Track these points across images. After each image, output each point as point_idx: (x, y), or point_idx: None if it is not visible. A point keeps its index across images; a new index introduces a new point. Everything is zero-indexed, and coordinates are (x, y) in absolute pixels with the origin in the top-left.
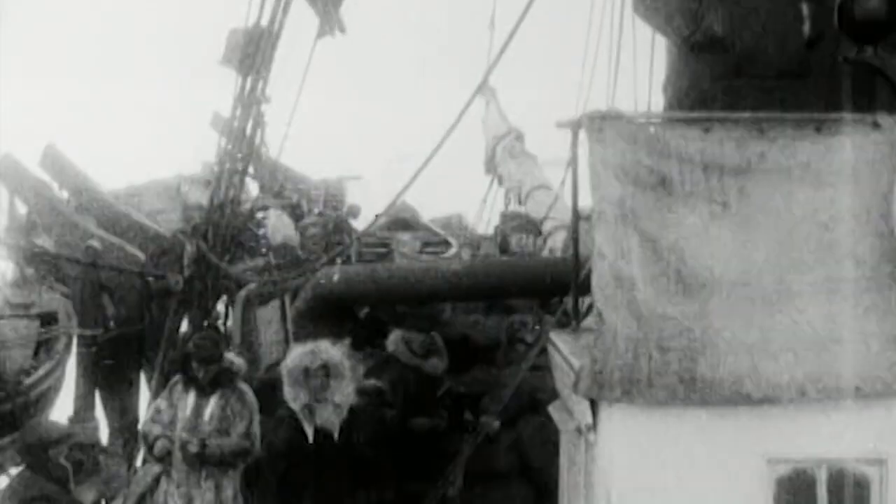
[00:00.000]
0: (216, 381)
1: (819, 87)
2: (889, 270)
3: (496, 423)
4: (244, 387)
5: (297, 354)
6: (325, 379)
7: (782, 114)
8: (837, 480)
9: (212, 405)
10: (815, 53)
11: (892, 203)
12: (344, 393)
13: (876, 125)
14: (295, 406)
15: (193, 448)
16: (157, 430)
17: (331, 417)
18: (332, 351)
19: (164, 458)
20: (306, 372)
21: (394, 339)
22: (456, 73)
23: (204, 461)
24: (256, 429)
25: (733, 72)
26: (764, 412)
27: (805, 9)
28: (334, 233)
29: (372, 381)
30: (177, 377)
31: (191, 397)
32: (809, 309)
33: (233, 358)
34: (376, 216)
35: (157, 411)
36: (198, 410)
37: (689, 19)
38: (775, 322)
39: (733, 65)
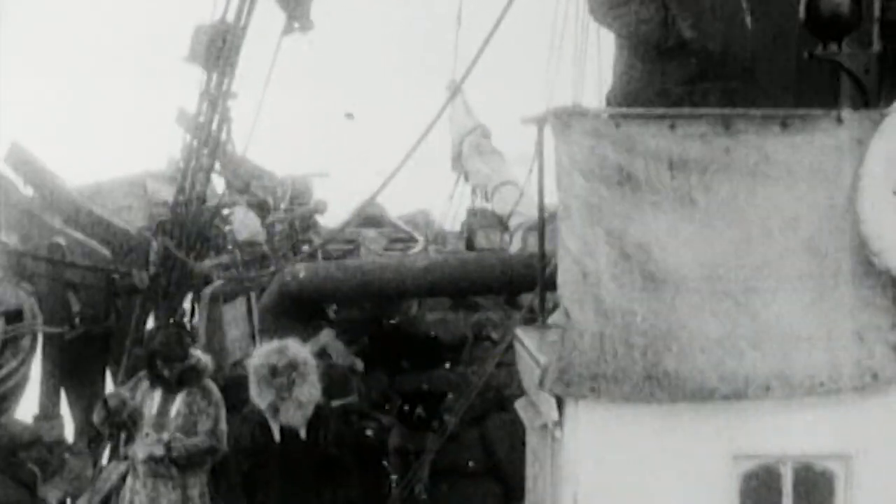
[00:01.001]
0: (182, 379)
1: (784, 84)
2: (854, 266)
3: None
4: (210, 384)
5: (264, 352)
6: (291, 377)
7: (747, 110)
8: (803, 476)
9: (178, 403)
10: (780, 51)
11: (856, 199)
12: (310, 391)
13: (840, 121)
14: (261, 404)
15: (159, 452)
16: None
17: (297, 416)
18: (298, 349)
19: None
20: (272, 370)
21: (326, 334)
22: (422, 69)
23: (171, 461)
24: (223, 426)
25: (698, 75)
26: (729, 408)
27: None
28: (301, 230)
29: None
30: (142, 373)
31: (157, 395)
32: (775, 305)
33: (199, 355)
34: (346, 221)
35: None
36: (164, 408)
37: (659, 26)
38: (741, 318)
39: (699, 68)
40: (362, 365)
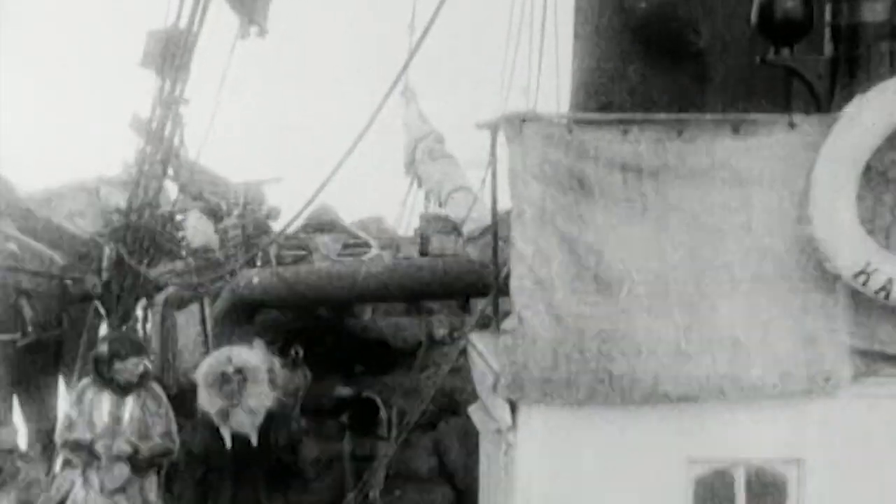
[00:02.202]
0: (131, 382)
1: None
2: (805, 270)
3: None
4: (157, 387)
5: (213, 359)
6: (241, 383)
7: (699, 115)
8: (755, 479)
9: (130, 407)
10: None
11: (808, 203)
12: (260, 397)
13: (792, 125)
14: (210, 411)
15: (126, 448)
16: (79, 433)
17: (247, 422)
18: (247, 355)
19: (87, 463)
20: (222, 377)
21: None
22: (377, 75)
23: (134, 466)
24: (174, 428)
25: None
26: (682, 412)
27: None
28: (254, 235)
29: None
30: (84, 382)
31: (105, 401)
32: (727, 309)
33: (143, 360)
34: (291, 221)
35: (70, 421)
36: (116, 414)
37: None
38: (693, 322)
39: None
40: (280, 365)
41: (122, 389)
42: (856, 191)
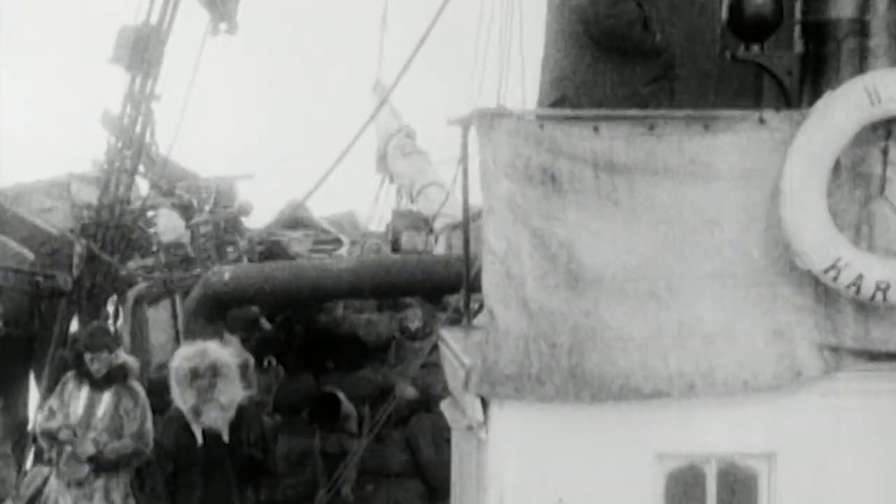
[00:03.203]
0: (109, 376)
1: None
2: (776, 266)
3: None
4: (137, 386)
5: (185, 355)
6: (212, 379)
7: (670, 111)
8: (727, 475)
9: (105, 402)
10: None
11: (778, 199)
12: (231, 393)
13: (762, 122)
14: (182, 407)
15: (90, 448)
16: (55, 423)
17: (218, 418)
18: (219, 351)
19: (56, 459)
20: (194, 373)
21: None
22: (348, 71)
23: (99, 466)
24: (149, 427)
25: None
26: (653, 407)
27: None
28: (225, 231)
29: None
30: (68, 374)
31: (83, 393)
32: (698, 304)
33: (126, 357)
34: (273, 222)
35: (51, 411)
36: (91, 407)
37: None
38: (664, 317)
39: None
40: (253, 361)
41: (98, 383)
42: (826, 187)
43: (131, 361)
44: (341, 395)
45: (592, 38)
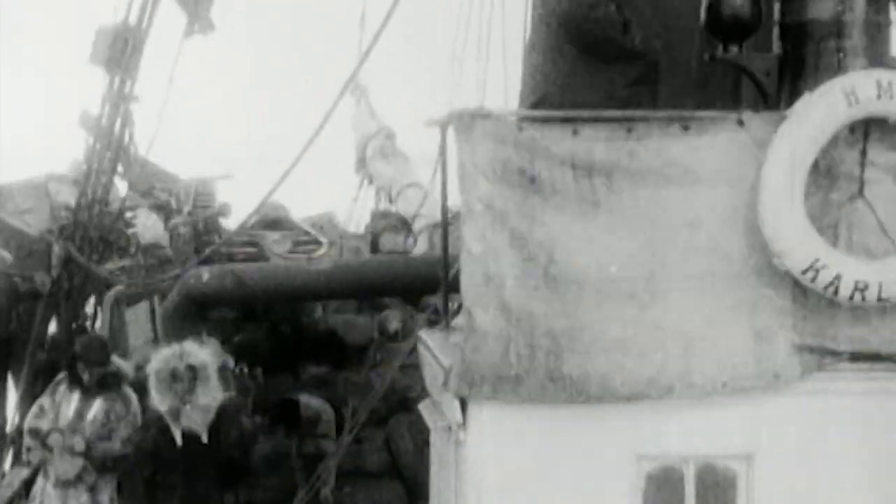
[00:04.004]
0: (102, 383)
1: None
2: (755, 267)
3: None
4: (130, 393)
5: (164, 357)
6: (191, 381)
7: (649, 112)
8: (705, 476)
9: (95, 408)
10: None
11: (757, 200)
12: (211, 395)
13: (741, 123)
14: (161, 409)
15: (80, 445)
16: (45, 424)
17: (198, 420)
18: (198, 353)
19: (44, 458)
20: (172, 374)
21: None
22: (327, 72)
23: (88, 464)
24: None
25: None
26: (633, 408)
27: None
28: (204, 232)
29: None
30: (61, 376)
31: (75, 398)
32: (677, 306)
33: (120, 363)
34: (245, 219)
35: (41, 409)
36: (81, 411)
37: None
38: (643, 319)
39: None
40: (233, 363)
41: (90, 389)
42: (804, 188)
43: (125, 368)
44: (310, 399)
45: (572, 41)
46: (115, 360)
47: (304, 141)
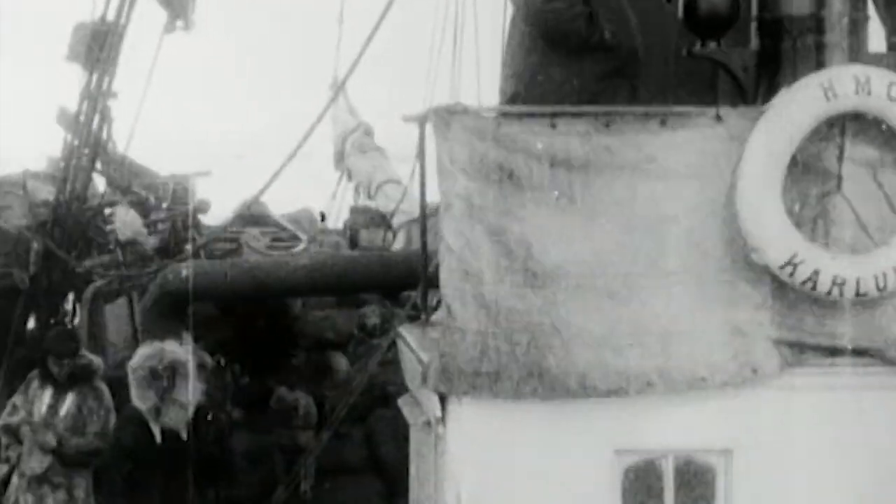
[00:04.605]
0: (73, 377)
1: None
2: (733, 263)
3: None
4: (102, 386)
5: (143, 355)
6: (171, 379)
7: (627, 108)
8: (684, 470)
9: (68, 402)
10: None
11: (735, 195)
12: (190, 393)
13: (719, 118)
14: (142, 407)
15: (51, 442)
16: (16, 419)
17: (178, 417)
18: (178, 351)
19: (19, 456)
20: (152, 373)
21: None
22: (302, 68)
23: (61, 460)
24: (112, 429)
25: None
26: (611, 404)
27: None
28: (183, 229)
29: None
30: (33, 372)
31: (47, 393)
32: (655, 301)
33: (91, 357)
34: (229, 219)
35: (14, 407)
36: (54, 406)
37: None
38: (622, 314)
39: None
40: (210, 360)
41: (62, 384)
42: (782, 183)
43: (97, 361)
44: (288, 392)
45: (539, 33)
46: (86, 353)
47: (282, 137)
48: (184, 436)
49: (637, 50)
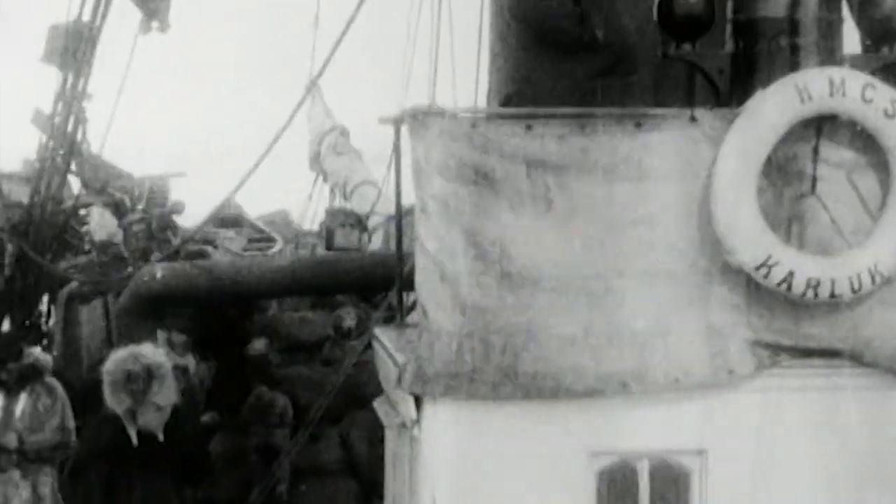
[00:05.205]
0: (23, 378)
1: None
2: (708, 264)
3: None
4: (53, 382)
5: (118, 358)
6: (146, 382)
7: (603, 109)
8: (659, 471)
9: (22, 402)
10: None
11: (710, 197)
12: (167, 395)
13: (694, 120)
14: (117, 410)
15: (12, 442)
16: None
17: (154, 419)
18: (153, 354)
19: None
20: (127, 376)
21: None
22: (277, 70)
23: (24, 458)
24: (70, 424)
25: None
26: (586, 405)
27: None
28: (158, 230)
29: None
30: None
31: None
32: (630, 303)
33: (37, 354)
34: (204, 221)
35: None
36: (8, 409)
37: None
38: (597, 316)
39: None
40: (194, 363)
41: (12, 387)
42: (757, 184)
43: (44, 358)
44: (263, 388)
45: (527, 32)
46: (33, 351)
47: (257, 139)
48: (160, 438)
49: (631, 49)
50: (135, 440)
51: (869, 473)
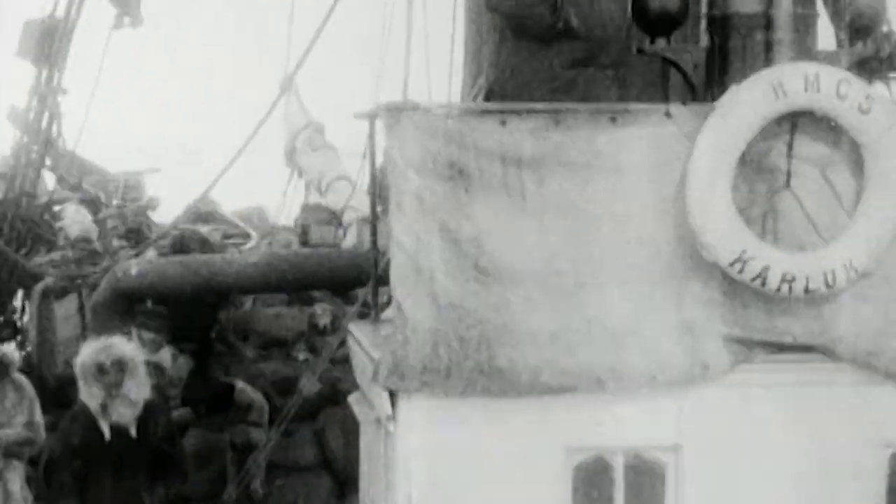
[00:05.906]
0: None
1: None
2: (683, 260)
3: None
4: (20, 378)
5: (91, 350)
6: (119, 375)
7: (578, 104)
8: (634, 467)
9: None
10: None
11: (684, 192)
12: (139, 389)
13: (669, 115)
14: (90, 403)
15: None
16: None
17: (126, 413)
18: (125, 346)
19: None
20: (100, 368)
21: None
22: (253, 66)
23: None
24: (38, 419)
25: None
26: (562, 401)
27: None
28: (133, 226)
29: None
30: None
31: None
32: (606, 299)
33: (4, 349)
34: (178, 217)
35: None
36: None
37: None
38: (573, 312)
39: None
40: (169, 358)
41: None
42: (731, 180)
43: (10, 354)
44: (244, 385)
45: (504, 21)
46: (0, 347)
47: (232, 135)
48: (133, 432)
49: (609, 39)
50: (107, 435)
51: (842, 468)
